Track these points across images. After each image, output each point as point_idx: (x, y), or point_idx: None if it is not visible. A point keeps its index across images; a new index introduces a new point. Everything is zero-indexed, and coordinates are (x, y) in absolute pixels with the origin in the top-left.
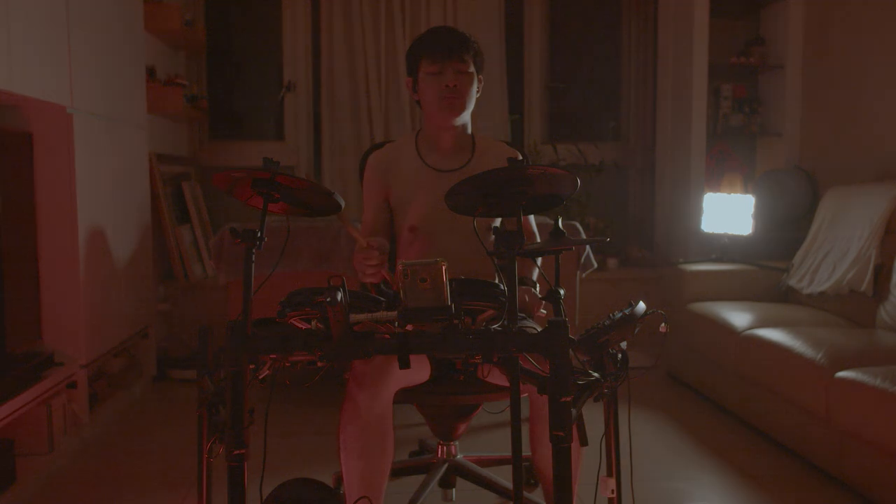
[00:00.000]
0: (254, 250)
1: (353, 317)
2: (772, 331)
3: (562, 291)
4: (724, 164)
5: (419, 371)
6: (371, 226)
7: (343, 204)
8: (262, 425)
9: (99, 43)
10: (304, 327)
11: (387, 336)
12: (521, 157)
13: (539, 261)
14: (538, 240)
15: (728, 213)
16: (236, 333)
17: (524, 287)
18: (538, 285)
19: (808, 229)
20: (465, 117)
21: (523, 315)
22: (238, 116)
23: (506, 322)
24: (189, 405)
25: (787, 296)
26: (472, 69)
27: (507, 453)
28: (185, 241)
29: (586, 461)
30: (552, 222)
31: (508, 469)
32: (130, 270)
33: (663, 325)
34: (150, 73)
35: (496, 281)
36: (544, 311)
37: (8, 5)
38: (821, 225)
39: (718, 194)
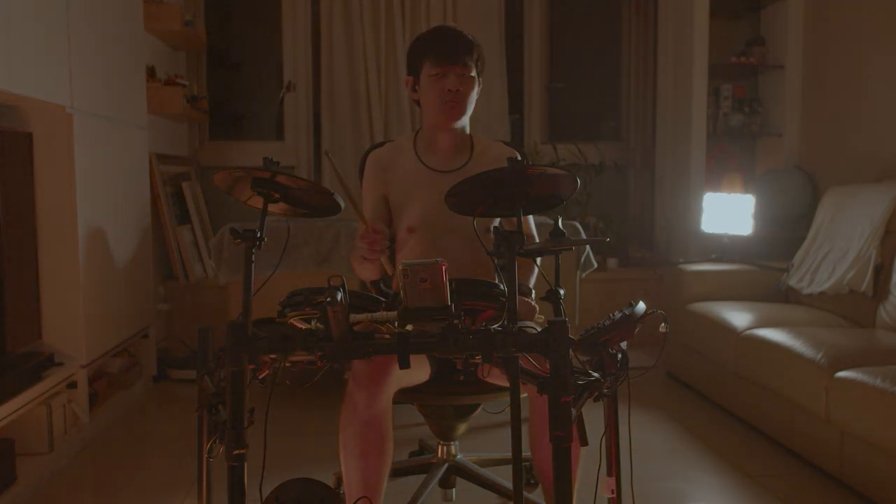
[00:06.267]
0: (254, 250)
1: (353, 317)
2: (771, 331)
3: (562, 291)
4: (724, 164)
5: (419, 371)
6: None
7: (343, 205)
8: (262, 425)
9: (99, 43)
10: (304, 327)
11: (387, 336)
12: (519, 158)
13: (539, 261)
14: (537, 241)
15: (728, 213)
16: (236, 333)
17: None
18: (534, 292)
19: (808, 229)
20: (465, 120)
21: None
22: (238, 116)
23: (506, 322)
24: (189, 405)
25: (787, 296)
26: (474, 73)
27: (507, 453)
28: (185, 241)
29: (586, 461)
30: (552, 222)
31: (508, 469)
32: (130, 271)
33: (663, 325)
34: (150, 73)
35: (496, 281)
36: (542, 317)
37: (8, 5)
38: (821, 225)
39: (718, 194)
